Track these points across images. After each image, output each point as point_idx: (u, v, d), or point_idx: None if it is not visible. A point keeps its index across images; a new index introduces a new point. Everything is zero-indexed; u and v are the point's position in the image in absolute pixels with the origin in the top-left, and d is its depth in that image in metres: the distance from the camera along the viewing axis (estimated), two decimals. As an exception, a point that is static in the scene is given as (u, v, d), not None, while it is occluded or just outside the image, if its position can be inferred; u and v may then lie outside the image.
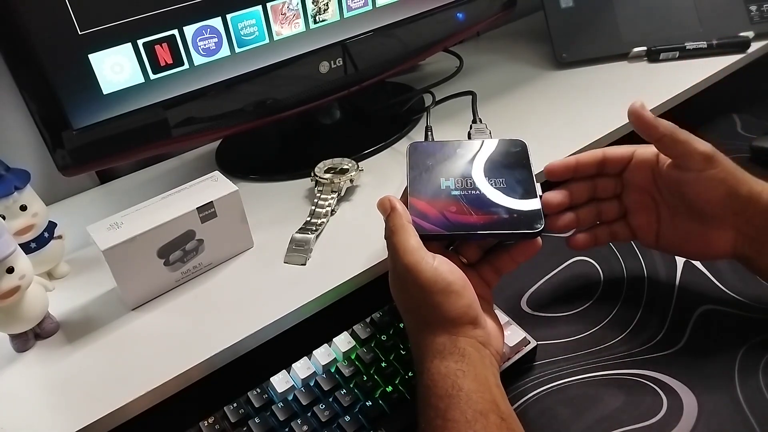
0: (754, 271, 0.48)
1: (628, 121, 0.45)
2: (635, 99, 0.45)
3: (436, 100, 0.71)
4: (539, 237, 0.44)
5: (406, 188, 0.47)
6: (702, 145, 0.43)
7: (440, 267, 0.40)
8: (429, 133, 0.64)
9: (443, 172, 0.47)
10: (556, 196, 0.48)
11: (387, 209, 0.43)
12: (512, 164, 0.47)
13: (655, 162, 0.47)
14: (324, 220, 0.56)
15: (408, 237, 0.41)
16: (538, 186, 0.46)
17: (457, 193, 0.46)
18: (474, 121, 0.64)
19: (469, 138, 0.61)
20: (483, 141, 0.50)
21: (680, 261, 0.56)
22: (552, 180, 0.49)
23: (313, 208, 0.58)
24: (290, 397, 0.45)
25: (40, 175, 0.62)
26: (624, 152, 0.48)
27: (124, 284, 0.48)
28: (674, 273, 0.55)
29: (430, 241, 0.43)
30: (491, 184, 0.46)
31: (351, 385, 0.45)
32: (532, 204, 0.45)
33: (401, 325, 0.49)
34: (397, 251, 0.41)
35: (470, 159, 0.48)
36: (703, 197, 0.44)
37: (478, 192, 0.46)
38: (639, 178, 0.48)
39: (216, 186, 0.52)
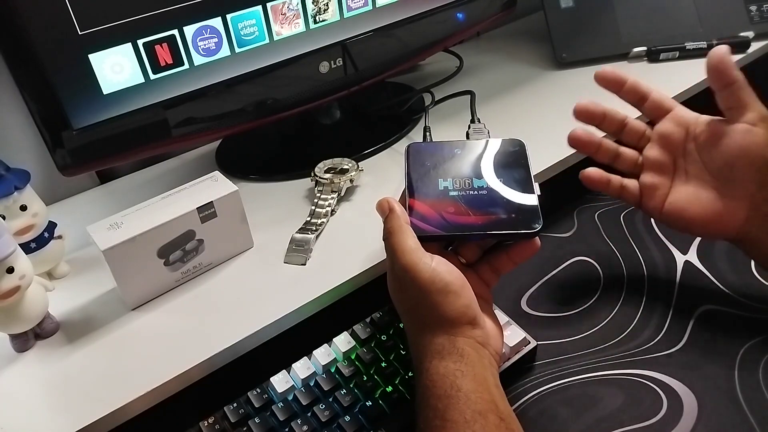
0: (755, 257, 0.47)
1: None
2: (721, 46, 0.45)
3: (435, 100, 0.71)
4: (538, 238, 0.44)
5: (404, 189, 0.47)
6: (763, 107, 0.44)
7: (438, 267, 0.40)
8: (427, 133, 0.64)
9: (441, 172, 0.47)
10: (590, 104, 0.50)
11: (385, 211, 0.43)
12: (510, 164, 0.47)
13: (693, 121, 0.48)
14: (324, 220, 0.56)
15: (406, 238, 0.41)
16: (536, 185, 0.46)
17: (455, 193, 0.46)
18: (472, 121, 0.64)
19: (468, 138, 0.61)
20: (481, 141, 0.50)
21: (680, 261, 0.56)
22: (600, 83, 0.50)
23: (313, 208, 0.58)
24: (290, 397, 0.45)
25: (40, 175, 0.62)
26: (667, 101, 0.49)
27: (124, 284, 0.48)
28: (674, 273, 0.55)
29: (428, 242, 0.43)
30: (489, 185, 0.46)
31: (351, 385, 0.45)
32: (531, 204, 0.45)
33: (401, 325, 0.49)
34: (395, 252, 0.41)
35: (468, 159, 0.48)
36: (740, 155, 0.44)
37: (476, 192, 0.45)
38: (671, 131, 0.48)
39: (216, 186, 0.52)
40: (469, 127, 0.62)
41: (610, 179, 0.51)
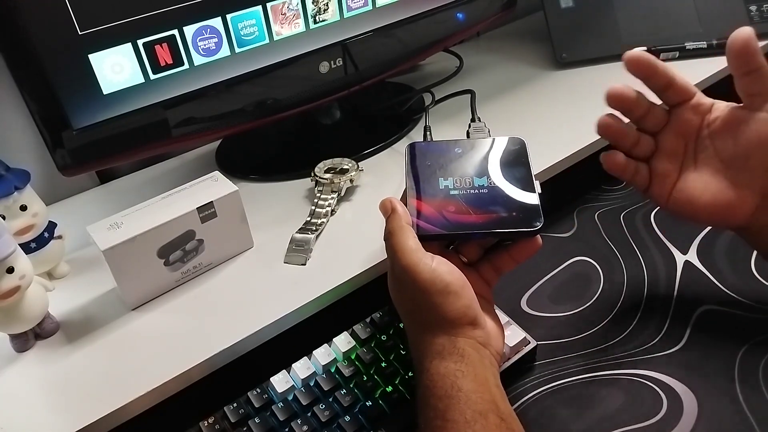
0: (759, 245, 0.47)
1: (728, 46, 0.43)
2: (745, 27, 0.42)
3: (435, 99, 0.72)
4: (539, 237, 0.44)
5: (405, 189, 0.47)
6: None
7: (438, 268, 0.40)
8: (427, 132, 0.64)
9: (442, 171, 0.47)
10: (625, 88, 0.47)
11: (388, 210, 0.43)
12: (511, 162, 0.47)
13: (708, 108, 0.46)
14: (324, 220, 0.56)
15: (406, 238, 0.41)
16: (537, 184, 0.46)
17: (455, 192, 0.46)
18: (473, 120, 0.64)
19: (468, 137, 0.61)
20: (481, 140, 0.50)
21: (680, 261, 0.56)
22: (629, 67, 0.47)
23: (313, 208, 0.58)
24: (290, 397, 0.45)
25: (40, 175, 0.62)
26: (690, 88, 0.47)
27: (124, 284, 0.48)
28: (674, 273, 0.55)
29: (429, 241, 0.43)
30: (490, 183, 0.46)
31: (351, 385, 0.45)
32: (532, 202, 0.45)
33: (401, 325, 0.49)
34: (395, 252, 0.41)
35: (469, 158, 0.48)
36: (758, 144, 0.43)
37: (477, 191, 0.45)
38: (688, 118, 0.46)
39: (216, 186, 0.52)
40: (469, 126, 0.62)
41: (628, 164, 0.49)
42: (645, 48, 0.82)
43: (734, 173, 0.44)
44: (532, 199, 0.45)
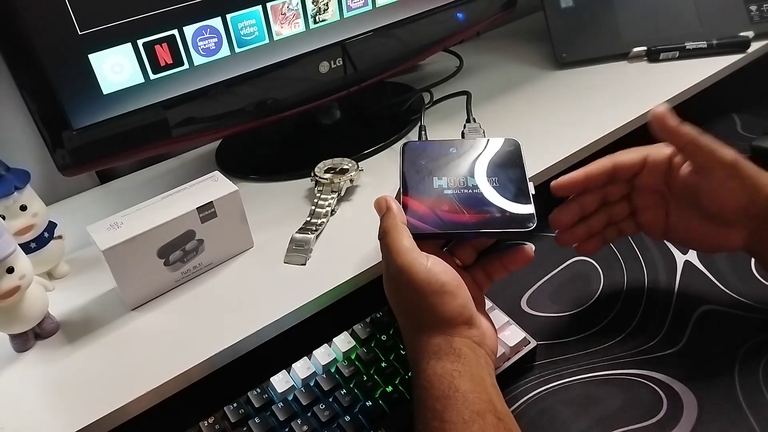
0: (761, 263, 0.48)
1: (632, 120, 0.44)
2: (659, 105, 0.44)
3: (433, 100, 0.72)
4: (531, 250, 0.45)
5: (399, 187, 0.47)
6: (726, 155, 0.42)
7: (434, 268, 0.40)
8: (422, 132, 0.64)
9: (436, 171, 0.47)
10: (565, 214, 0.48)
11: (383, 208, 0.43)
12: (505, 163, 0.48)
13: (667, 165, 0.47)
14: (324, 220, 0.56)
15: (401, 238, 0.41)
16: (531, 185, 0.46)
17: (450, 192, 0.46)
18: (468, 121, 0.64)
19: (463, 137, 0.61)
20: (476, 140, 0.50)
21: (680, 261, 0.56)
22: (560, 194, 0.49)
23: (313, 208, 0.58)
24: (290, 397, 0.45)
25: (40, 175, 0.62)
26: (635, 159, 0.47)
27: (124, 284, 0.48)
28: (674, 273, 0.55)
29: (422, 239, 0.42)
30: (484, 183, 0.46)
31: (351, 385, 0.45)
32: (525, 203, 0.45)
33: (401, 325, 0.49)
34: (390, 252, 0.41)
35: (463, 158, 0.48)
36: (720, 204, 0.44)
37: (470, 191, 0.46)
38: (651, 182, 0.48)
39: (216, 186, 0.52)
40: (464, 127, 0.62)
41: (605, 236, 0.51)
42: (645, 47, 0.82)
43: (715, 219, 0.45)
44: (525, 200, 0.45)
